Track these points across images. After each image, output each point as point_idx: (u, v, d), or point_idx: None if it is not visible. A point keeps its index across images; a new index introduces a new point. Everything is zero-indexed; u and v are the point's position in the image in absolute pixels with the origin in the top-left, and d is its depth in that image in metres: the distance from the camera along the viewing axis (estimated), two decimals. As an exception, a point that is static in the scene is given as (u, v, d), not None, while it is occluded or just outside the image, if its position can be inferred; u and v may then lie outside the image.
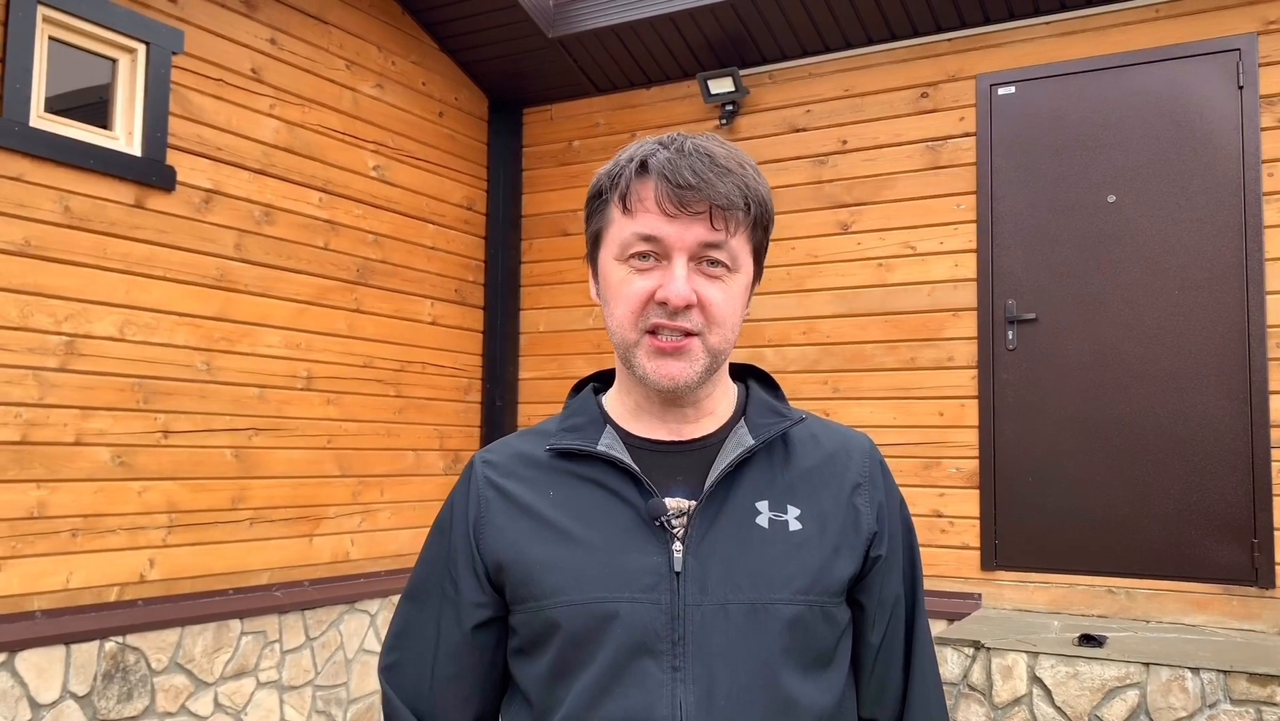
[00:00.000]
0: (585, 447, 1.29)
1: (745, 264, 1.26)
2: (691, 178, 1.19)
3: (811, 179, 5.49)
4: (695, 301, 1.21)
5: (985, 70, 5.14)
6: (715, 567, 1.21)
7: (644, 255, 1.22)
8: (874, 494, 1.33)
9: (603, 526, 1.24)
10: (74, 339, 4.13)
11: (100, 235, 4.24)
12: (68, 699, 4.04)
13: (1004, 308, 4.99)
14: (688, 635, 1.18)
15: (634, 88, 6.03)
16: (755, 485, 1.27)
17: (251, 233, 4.85)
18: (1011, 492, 4.92)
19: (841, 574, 1.27)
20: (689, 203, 1.19)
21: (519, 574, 1.25)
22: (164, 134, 4.46)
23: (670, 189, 1.19)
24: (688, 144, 1.23)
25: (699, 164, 1.20)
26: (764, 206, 1.26)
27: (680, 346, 1.22)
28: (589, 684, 1.19)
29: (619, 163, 1.26)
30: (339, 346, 5.27)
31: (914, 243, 5.21)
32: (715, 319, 1.22)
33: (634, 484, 1.26)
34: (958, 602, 4.94)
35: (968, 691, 4.13)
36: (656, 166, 1.21)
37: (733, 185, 1.21)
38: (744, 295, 1.28)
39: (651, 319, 1.22)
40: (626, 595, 1.20)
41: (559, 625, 1.21)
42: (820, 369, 5.39)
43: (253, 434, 4.81)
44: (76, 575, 4.12)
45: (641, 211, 1.22)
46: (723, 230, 1.21)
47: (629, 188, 1.23)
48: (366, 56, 5.53)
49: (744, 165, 1.24)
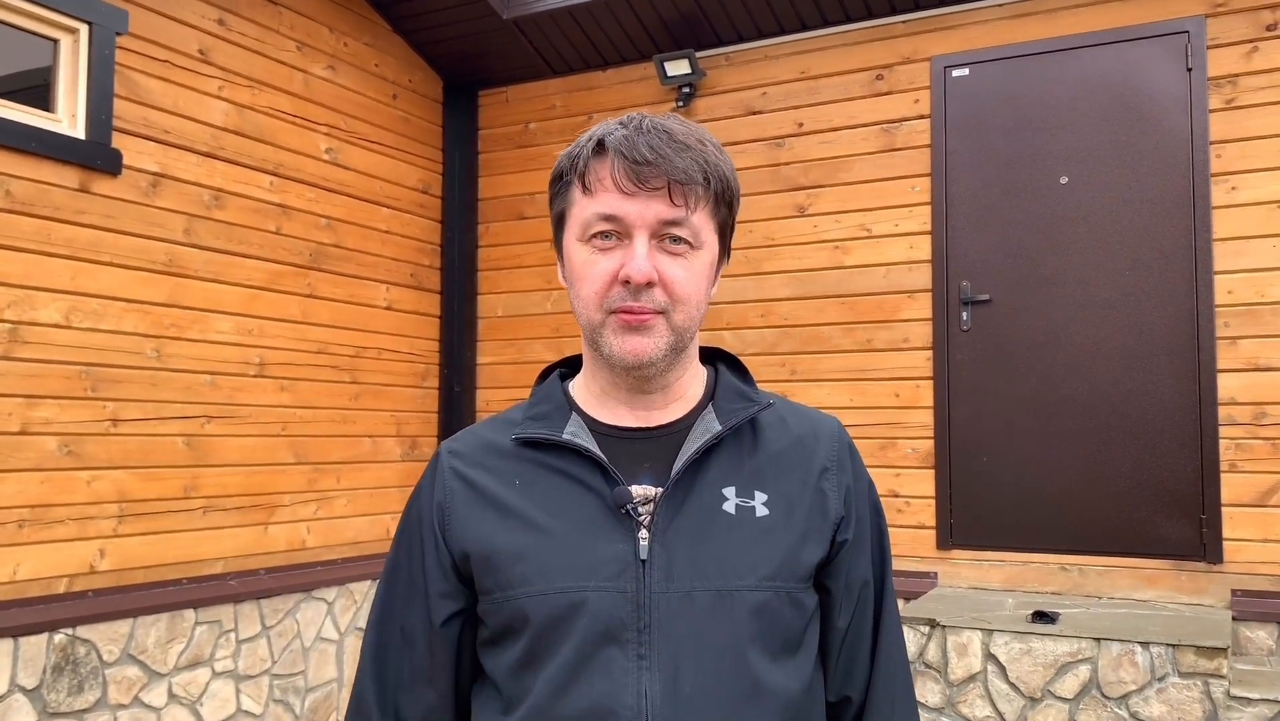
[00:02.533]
0: (550, 436, 1.28)
1: (709, 241, 1.25)
2: (649, 153, 1.18)
3: (768, 161, 5.49)
4: (657, 279, 1.20)
5: (940, 52, 5.16)
6: (681, 555, 1.21)
7: (605, 234, 1.22)
8: (841, 477, 1.32)
9: (569, 515, 1.24)
10: (17, 326, 4.05)
11: (44, 220, 4.15)
12: (16, 692, 3.97)
13: (958, 289, 5.02)
14: (653, 623, 1.18)
15: (590, 70, 5.99)
16: (722, 471, 1.27)
17: (201, 217, 4.76)
18: (966, 472, 4.97)
19: (809, 559, 1.26)
20: (647, 179, 1.19)
21: (486, 564, 1.25)
22: (109, 116, 4.37)
23: (627, 165, 1.19)
24: (645, 122, 1.23)
25: (656, 140, 1.20)
26: (725, 182, 1.25)
27: (644, 321, 1.21)
28: (556, 673, 1.19)
29: (579, 144, 1.25)
30: (292, 332, 5.20)
31: (870, 225, 5.23)
32: (678, 296, 1.22)
33: (600, 472, 1.25)
34: (914, 581, 4.98)
35: (923, 669, 4.17)
36: (613, 144, 1.21)
37: (691, 160, 1.20)
38: (708, 272, 1.27)
39: (615, 300, 1.21)
40: (593, 584, 1.20)
41: (527, 615, 1.21)
42: (778, 351, 5.40)
43: (205, 421, 4.74)
44: (24, 566, 4.04)
45: (601, 191, 1.21)
46: (682, 206, 1.20)
47: (587, 167, 1.23)
48: (318, 38, 5.45)
49: (704, 141, 1.23)
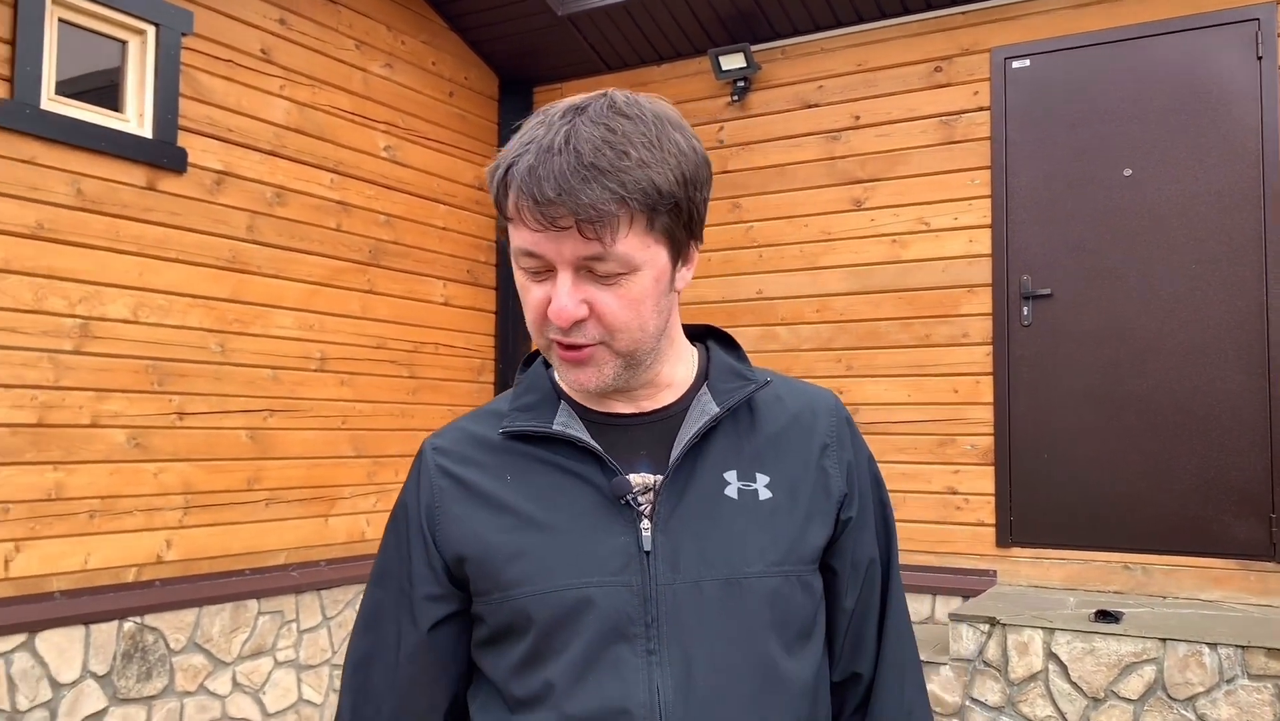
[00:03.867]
0: (540, 428, 1.22)
1: (648, 258, 1.13)
2: (551, 190, 1.06)
3: (824, 155, 5.45)
4: (586, 313, 1.12)
5: (1000, 43, 5.08)
6: (686, 544, 1.17)
7: (533, 268, 1.14)
8: (842, 454, 1.28)
9: (566, 509, 1.19)
10: (88, 321, 4.14)
11: (113, 218, 4.24)
12: (88, 678, 4.08)
13: (1019, 283, 4.95)
14: (661, 616, 1.14)
15: (645, 65, 5.99)
16: (722, 454, 1.22)
17: (263, 214, 4.84)
18: (1026, 469, 4.90)
19: (815, 541, 1.23)
20: (553, 219, 1.07)
21: (482, 565, 1.19)
22: (174, 116, 4.46)
23: (531, 206, 1.08)
24: (557, 139, 1.09)
25: (563, 167, 1.06)
26: (657, 192, 1.10)
27: (580, 358, 1.15)
28: (563, 673, 1.14)
29: (494, 164, 1.15)
30: (352, 327, 5.27)
31: (928, 219, 5.18)
32: (613, 326, 1.13)
33: (596, 462, 1.20)
34: (973, 580, 4.93)
35: (983, 667, 4.13)
36: (519, 176, 1.09)
37: (601, 189, 1.06)
38: (655, 287, 1.15)
39: (549, 333, 1.15)
40: (596, 579, 1.15)
41: (529, 615, 1.16)
42: (834, 346, 5.37)
43: (267, 415, 4.82)
44: (94, 556, 4.14)
45: (517, 223, 1.12)
46: (596, 240, 1.08)
47: (504, 195, 1.13)
48: (376, 36, 5.51)
49: (627, 151, 1.08)
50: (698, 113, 5.82)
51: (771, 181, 5.59)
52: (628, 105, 1.13)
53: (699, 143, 1.18)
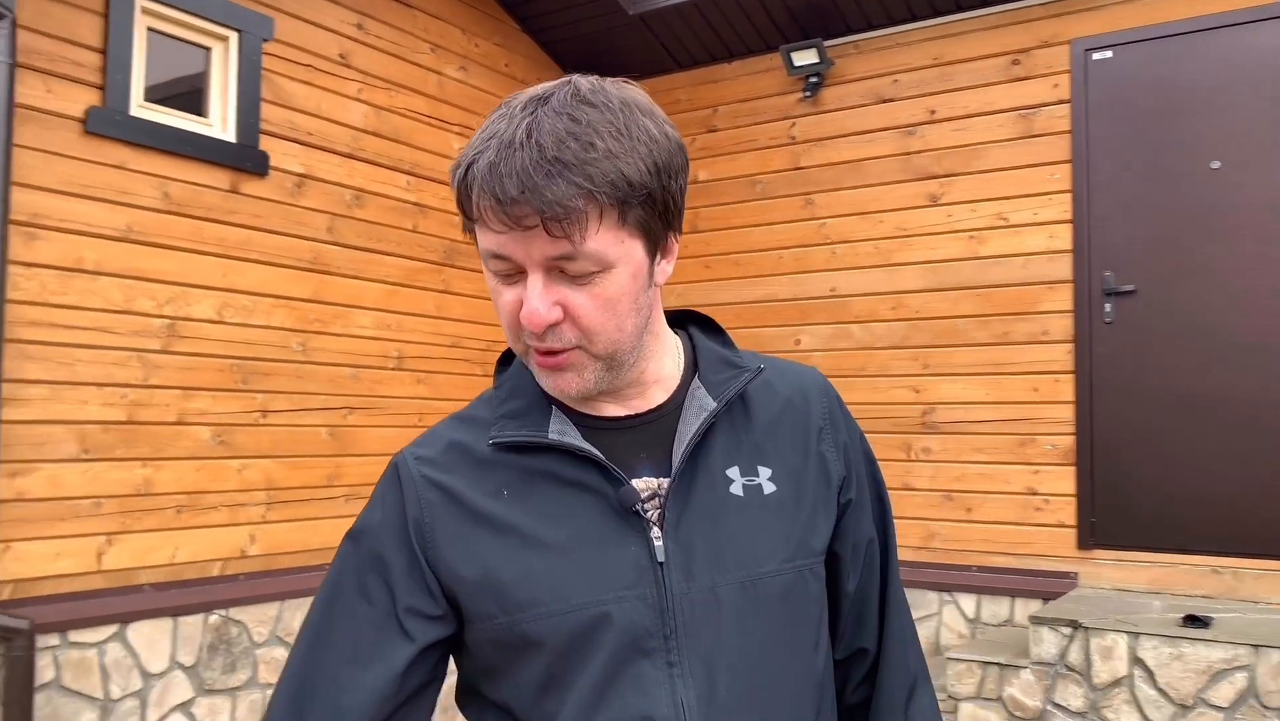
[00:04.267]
0: (536, 438, 1.14)
1: (622, 253, 1.06)
2: (514, 189, 1.00)
3: (899, 150, 5.38)
4: (560, 316, 1.06)
5: (1080, 35, 4.98)
6: (698, 550, 1.12)
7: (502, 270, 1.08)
8: (837, 435, 1.24)
9: (570, 523, 1.12)
10: (175, 321, 4.26)
11: (198, 220, 4.35)
12: (176, 669, 4.19)
13: (1101, 280, 4.84)
14: (679, 627, 1.10)
15: (715, 62, 5.97)
16: (723, 451, 1.17)
17: (342, 216, 4.93)
18: (1109, 469, 4.79)
19: (823, 531, 1.20)
20: (518, 218, 1.01)
21: (484, 589, 1.11)
22: (256, 120, 4.55)
23: (494, 205, 1.02)
24: (519, 132, 1.02)
25: (525, 164, 1.00)
26: (627, 184, 1.03)
27: (558, 363, 1.09)
28: (584, 694, 1.09)
29: (461, 158, 1.08)
30: (428, 327, 5.34)
31: (1007, 214, 5.09)
32: (589, 329, 1.07)
33: (597, 470, 1.13)
34: (1053, 582, 4.83)
35: (1065, 672, 4.05)
36: (480, 174, 1.03)
37: (567, 185, 1.00)
38: (630, 287, 1.08)
39: (524, 338, 1.09)
40: (612, 595, 1.09)
41: (540, 639, 1.10)
42: (910, 345, 5.30)
43: (347, 412, 4.91)
44: (181, 550, 4.25)
45: (483, 223, 1.06)
46: (565, 239, 1.02)
47: (467, 195, 1.06)
48: (450, 39, 5.57)
49: (593, 143, 1.02)
50: (769, 109, 5.79)
51: (845, 177, 5.53)
52: (593, 93, 1.05)
53: (672, 128, 1.10)
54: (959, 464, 5.14)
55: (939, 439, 5.19)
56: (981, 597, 4.98)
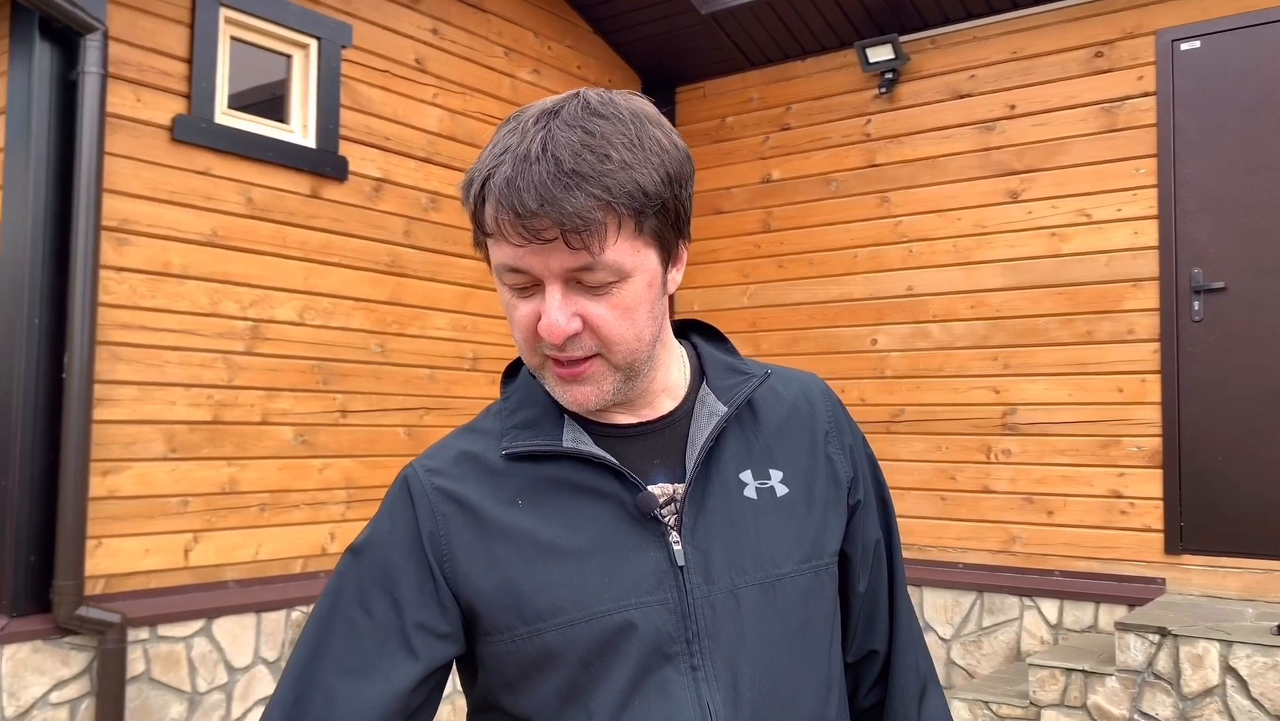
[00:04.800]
0: (551, 447, 1.14)
1: (639, 264, 1.07)
2: (533, 201, 1.00)
3: (977, 146, 5.29)
4: (580, 327, 1.06)
5: (1166, 25, 4.84)
6: (716, 553, 1.12)
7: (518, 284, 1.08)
8: (842, 438, 1.25)
9: (588, 531, 1.11)
10: (258, 324, 4.35)
11: (280, 224, 4.44)
12: (259, 664, 4.28)
13: (1189, 276, 4.70)
14: (701, 631, 1.10)
15: (789, 60, 5.93)
16: (734, 455, 1.17)
17: (419, 219, 5.00)
18: (1198, 472, 4.65)
19: (835, 531, 1.21)
20: (537, 231, 1.01)
21: (503, 599, 1.10)
22: (336, 126, 4.64)
23: (512, 219, 1.02)
24: (534, 147, 1.02)
25: (542, 176, 1.00)
26: (643, 194, 1.04)
27: (578, 373, 1.09)
28: (608, 703, 1.08)
29: (472, 171, 1.09)
30: (502, 328, 5.39)
31: (1090, 210, 4.97)
32: (608, 338, 1.07)
33: (613, 477, 1.13)
34: (1139, 587, 4.70)
35: (1152, 680, 3.93)
36: (497, 188, 1.03)
37: (586, 197, 1.01)
38: (648, 293, 1.09)
39: (542, 350, 1.08)
40: (634, 601, 1.09)
41: (563, 649, 1.08)
42: (989, 344, 5.20)
43: (423, 413, 4.97)
44: (265, 547, 4.35)
45: (499, 237, 1.05)
46: (584, 250, 1.02)
47: (481, 210, 1.06)
48: (524, 43, 5.61)
49: (608, 156, 1.03)
50: (843, 106, 5.73)
51: (921, 174, 5.45)
52: (603, 105, 1.06)
53: (679, 137, 1.12)
54: (1040, 466, 5.03)
55: (1019, 440, 5.09)
56: (1064, 603, 4.87)
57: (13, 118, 3.83)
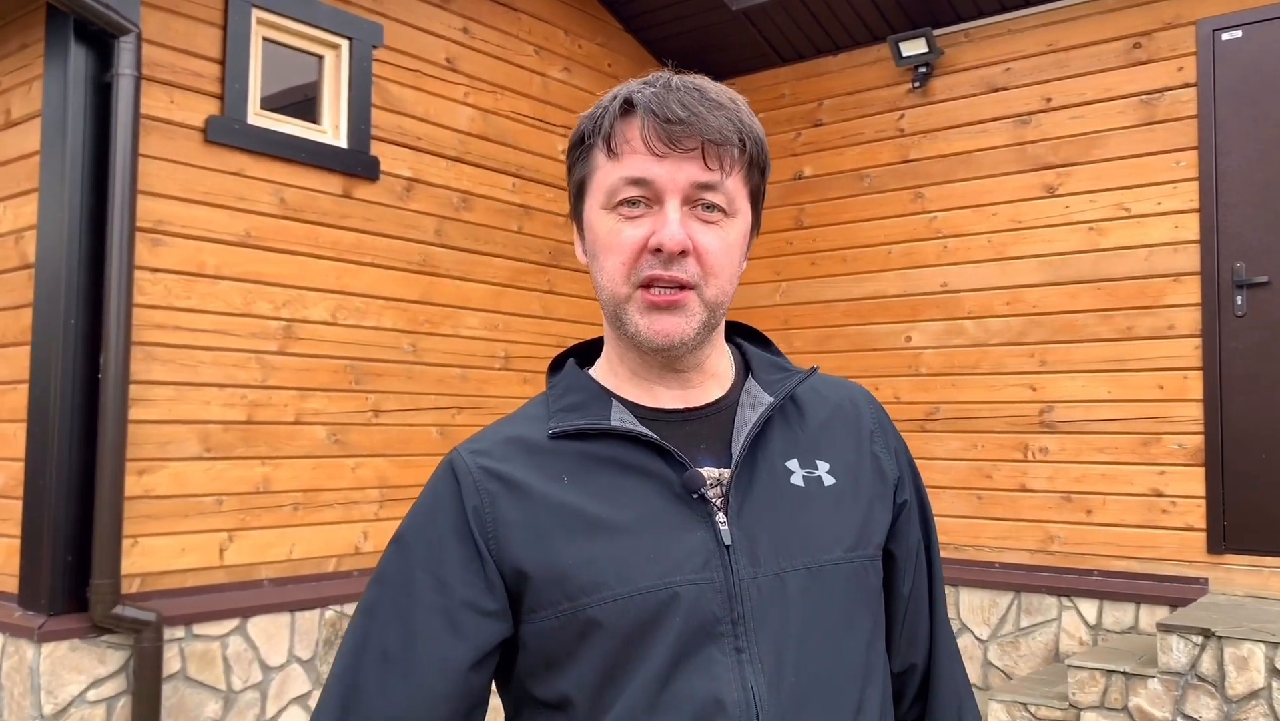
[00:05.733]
0: (598, 425, 1.15)
1: (743, 208, 1.16)
2: (681, 111, 1.09)
3: (1013, 140, 5.22)
4: (690, 248, 1.10)
5: (1206, 14, 4.75)
6: (763, 536, 1.12)
7: (633, 201, 1.11)
8: (887, 440, 1.26)
9: (634, 508, 1.11)
10: (291, 324, 4.37)
11: (312, 225, 4.46)
12: (293, 662, 4.30)
13: (1231, 271, 4.61)
14: (746, 612, 1.09)
15: (820, 55, 5.88)
16: (781, 445, 1.18)
17: (450, 219, 5.00)
18: (1242, 470, 4.56)
19: (881, 525, 1.21)
20: (679, 139, 1.09)
21: (548, 574, 1.09)
22: (367, 125, 4.65)
23: (658, 124, 1.09)
24: (675, 80, 1.13)
25: (689, 98, 1.10)
26: (760, 145, 1.15)
27: (675, 300, 1.11)
28: (650, 679, 1.07)
29: (601, 104, 1.16)
30: (534, 327, 5.38)
31: (1128, 204, 4.88)
32: (711, 268, 1.12)
33: (660, 457, 1.14)
34: (1181, 587, 4.62)
35: (1196, 682, 3.86)
36: (643, 102, 1.11)
37: (726, 119, 1.11)
38: (742, 243, 1.17)
39: (645, 271, 1.11)
40: (679, 578, 1.08)
41: (606, 623, 1.08)
42: (1026, 341, 5.13)
43: (455, 412, 4.97)
44: (298, 546, 4.36)
45: (628, 153, 1.11)
46: (717, 169, 1.11)
47: (613, 129, 1.13)
48: (554, 41, 5.60)
49: (736, 101, 1.14)
50: (876, 101, 5.67)
51: (956, 169, 5.39)
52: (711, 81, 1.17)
53: None
54: (1079, 464, 4.95)
55: (1057, 438, 5.02)
56: (1104, 603, 4.79)
57: (48, 121, 3.87)
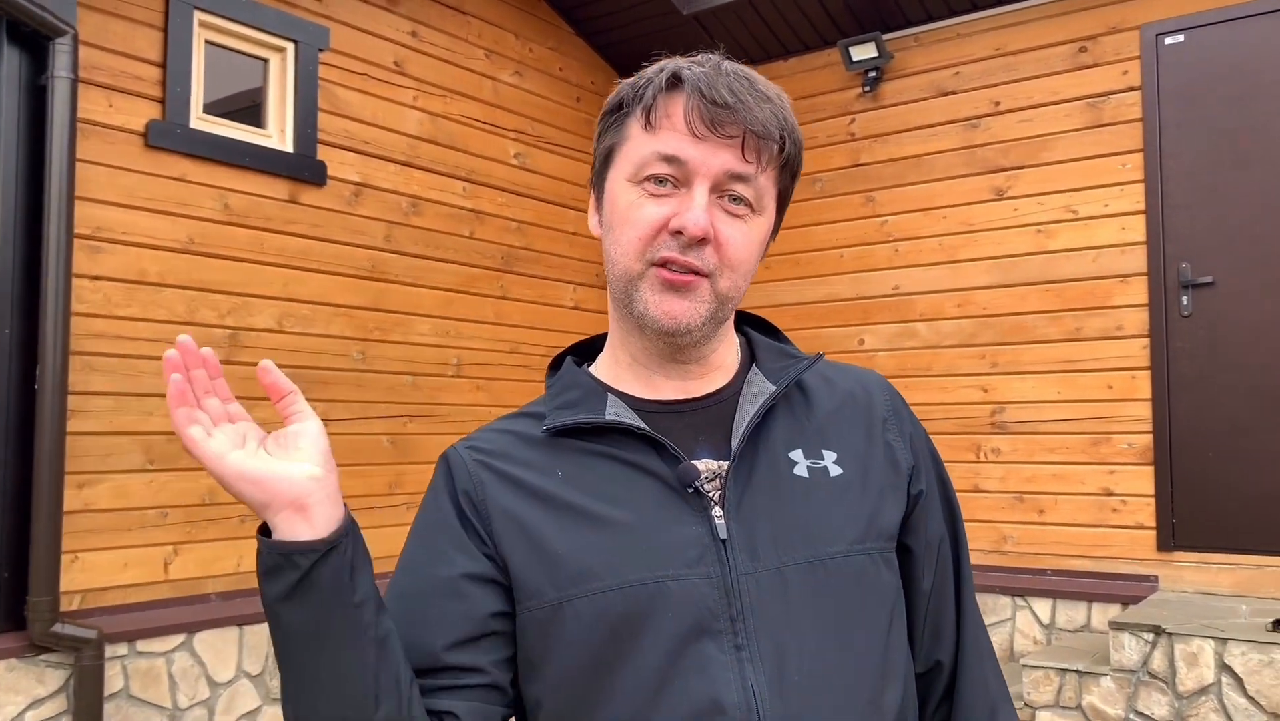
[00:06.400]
0: (592, 419, 1.12)
1: (769, 207, 1.13)
2: (729, 96, 1.06)
3: (962, 144, 5.26)
4: (712, 236, 1.07)
5: (1150, 19, 4.81)
6: (762, 529, 1.08)
7: (661, 179, 1.08)
8: (902, 427, 1.21)
9: (628, 501, 1.09)
10: (236, 332, 4.28)
11: (258, 231, 4.37)
12: (242, 678, 4.20)
13: (1177, 272, 4.67)
14: (746, 608, 1.04)
15: (771, 60, 5.89)
16: (784, 434, 1.14)
17: (400, 224, 4.93)
18: (1190, 469, 4.61)
19: (892, 516, 1.15)
20: (722, 124, 1.06)
21: (535, 563, 1.08)
22: (314, 130, 4.57)
23: (704, 105, 1.06)
24: (725, 64, 1.10)
25: (738, 84, 1.07)
26: (798, 147, 1.13)
27: (688, 281, 1.08)
28: (643, 677, 1.03)
29: (646, 74, 1.12)
30: (487, 333, 5.32)
31: (1076, 206, 4.93)
32: (730, 260, 1.09)
33: (656, 451, 1.11)
34: (1132, 585, 4.67)
35: (1147, 679, 3.89)
36: (691, 80, 1.07)
37: (771, 113, 1.08)
38: (763, 242, 1.14)
39: (661, 250, 1.08)
40: (671, 572, 1.05)
41: (594, 617, 1.05)
42: (977, 342, 5.16)
43: (407, 421, 4.90)
44: (246, 559, 4.27)
45: (667, 128, 1.08)
46: (754, 162, 1.08)
47: (655, 101, 1.09)
48: (505, 45, 5.56)
49: (782, 97, 1.11)
50: (827, 106, 5.69)
51: (907, 173, 5.42)
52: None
53: None
54: (1030, 464, 4.99)
55: (1009, 439, 5.05)
56: (1057, 602, 4.83)
57: (-18, 125, 3.76)
